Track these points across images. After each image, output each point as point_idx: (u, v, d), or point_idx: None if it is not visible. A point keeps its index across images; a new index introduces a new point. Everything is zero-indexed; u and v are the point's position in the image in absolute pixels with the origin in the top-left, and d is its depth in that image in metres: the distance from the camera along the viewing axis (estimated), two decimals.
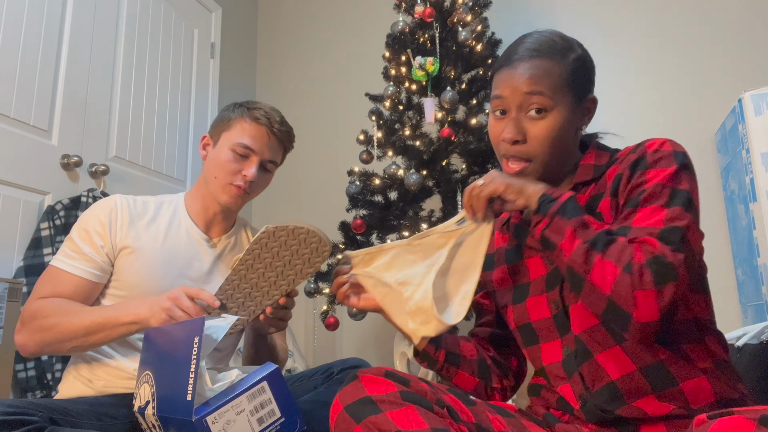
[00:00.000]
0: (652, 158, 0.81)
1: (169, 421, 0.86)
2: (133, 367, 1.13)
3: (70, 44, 2.10)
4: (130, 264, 1.16)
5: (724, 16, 2.56)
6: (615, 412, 0.78)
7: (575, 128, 0.90)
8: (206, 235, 1.26)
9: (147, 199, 1.26)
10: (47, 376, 1.78)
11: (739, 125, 2.11)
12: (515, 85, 0.88)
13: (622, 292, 0.72)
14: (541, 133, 0.87)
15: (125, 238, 1.16)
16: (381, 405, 0.74)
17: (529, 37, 0.92)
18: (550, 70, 0.87)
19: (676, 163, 0.79)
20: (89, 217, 1.17)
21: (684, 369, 0.77)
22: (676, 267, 0.71)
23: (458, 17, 2.30)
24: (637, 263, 0.72)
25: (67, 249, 1.15)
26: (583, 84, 0.90)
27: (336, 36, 3.30)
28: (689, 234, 0.74)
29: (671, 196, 0.77)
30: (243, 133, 1.20)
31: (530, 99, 0.87)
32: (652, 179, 0.79)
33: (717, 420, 0.57)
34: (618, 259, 0.73)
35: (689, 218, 0.75)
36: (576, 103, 0.89)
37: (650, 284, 0.71)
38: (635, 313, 0.71)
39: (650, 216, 0.76)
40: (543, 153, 0.88)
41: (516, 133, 0.87)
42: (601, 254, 0.75)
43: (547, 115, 0.87)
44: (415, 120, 2.37)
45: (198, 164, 2.84)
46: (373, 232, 2.29)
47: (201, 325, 0.89)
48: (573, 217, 0.79)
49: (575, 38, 0.94)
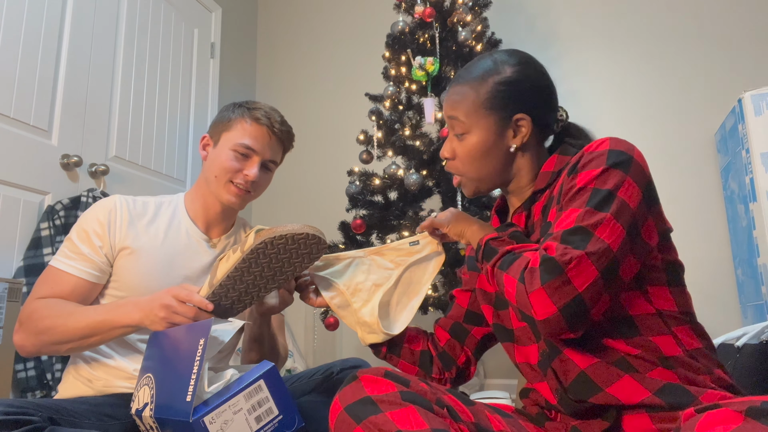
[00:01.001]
0: (584, 161, 0.83)
1: (166, 422, 0.85)
2: (133, 367, 1.13)
3: (70, 44, 2.10)
4: (130, 265, 1.16)
5: (724, 16, 2.56)
6: (588, 401, 0.79)
7: (504, 147, 0.94)
8: (206, 236, 1.26)
9: (147, 200, 1.25)
10: (47, 376, 1.78)
11: (739, 125, 2.12)
12: (444, 109, 0.98)
13: (521, 300, 0.77)
14: (462, 153, 0.95)
15: (124, 238, 1.16)
16: (381, 405, 0.74)
17: (471, 62, 1.00)
18: (465, 95, 0.94)
19: (604, 164, 0.80)
20: (88, 217, 1.17)
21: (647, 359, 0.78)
22: (560, 262, 0.73)
23: (458, 17, 2.30)
24: (529, 269, 0.77)
25: (66, 249, 1.15)
26: (507, 105, 0.93)
27: (336, 36, 3.30)
28: (599, 230, 0.75)
29: (589, 198, 0.79)
30: (244, 134, 1.20)
31: (451, 122, 0.96)
32: (578, 183, 0.81)
33: (705, 413, 0.58)
34: (516, 272, 0.79)
35: (601, 216, 0.76)
36: (501, 123, 0.93)
37: (537, 283, 0.74)
38: (534, 314, 0.75)
39: (566, 218, 0.79)
40: (468, 170, 0.96)
41: (446, 151, 0.98)
42: (506, 273, 0.81)
43: (466, 136, 0.94)
44: (415, 120, 2.37)
45: (198, 164, 2.84)
46: (373, 232, 2.30)
47: (207, 328, 0.89)
48: (492, 256, 0.86)
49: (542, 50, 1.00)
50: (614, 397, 0.77)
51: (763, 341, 1.34)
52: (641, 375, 0.77)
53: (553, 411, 0.88)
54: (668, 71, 2.61)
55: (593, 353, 0.80)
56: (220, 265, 1.04)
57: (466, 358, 1.10)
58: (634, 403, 0.76)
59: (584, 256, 0.73)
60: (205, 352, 0.86)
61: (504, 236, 0.89)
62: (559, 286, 0.73)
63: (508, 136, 0.94)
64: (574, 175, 0.83)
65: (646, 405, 0.75)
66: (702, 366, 0.78)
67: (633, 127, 2.60)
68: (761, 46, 2.47)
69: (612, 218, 0.76)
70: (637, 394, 0.76)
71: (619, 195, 0.77)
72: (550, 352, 0.85)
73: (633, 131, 2.59)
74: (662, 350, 0.78)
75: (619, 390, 0.77)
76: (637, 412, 0.76)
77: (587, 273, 0.73)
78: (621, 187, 0.78)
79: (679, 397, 0.74)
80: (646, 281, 0.81)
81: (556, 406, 0.86)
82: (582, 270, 0.73)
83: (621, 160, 0.80)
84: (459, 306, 1.11)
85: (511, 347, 0.96)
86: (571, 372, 0.81)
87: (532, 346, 0.90)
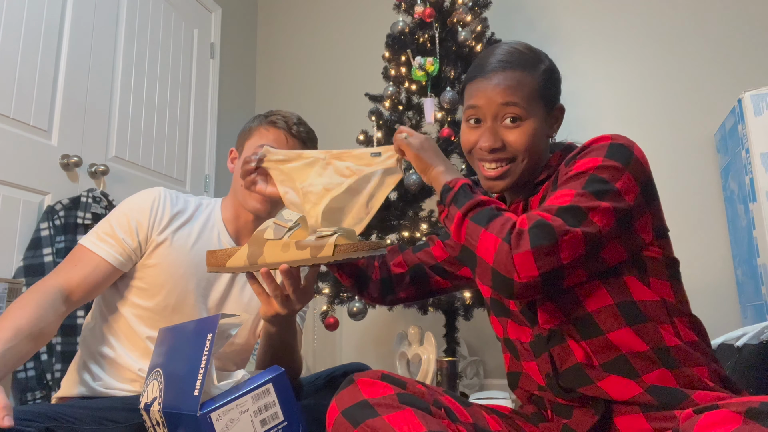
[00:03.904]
0: (585, 152, 0.84)
1: (173, 416, 0.86)
2: (138, 366, 1.13)
3: (70, 44, 2.10)
4: (160, 260, 1.16)
5: (724, 17, 2.56)
6: (578, 390, 0.80)
7: (546, 136, 0.95)
8: (236, 243, 1.26)
9: (188, 198, 1.27)
10: (47, 376, 1.78)
11: (738, 125, 2.12)
12: (490, 95, 0.91)
13: (502, 260, 0.75)
14: (518, 140, 0.91)
15: (162, 232, 1.17)
16: (378, 408, 0.74)
17: (498, 48, 0.96)
18: (523, 81, 0.91)
19: (604, 155, 0.81)
20: (131, 204, 1.18)
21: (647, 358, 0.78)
22: (557, 231, 0.73)
23: (458, 17, 2.30)
24: (517, 230, 0.76)
25: (100, 231, 1.15)
26: (552, 94, 0.94)
27: (336, 36, 3.30)
28: (593, 214, 0.76)
29: (586, 182, 0.79)
30: (262, 139, 1.22)
31: (506, 109, 0.90)
32: (576, 168, 0.82)
33: (704, 414, 0.58)
34: (500, 230, 0.77)
35: (596, 202, 0.76)
36: (546, 112, 0.93)
37: (526, 245, 0.73)
38: (516, 276, 0.74)
39: (561, 196, 0.79)
40: (524, 157, 0.92)
41: (494, 141, 0.91)
42: (484, 228, 0.79)
43: (522, 123, 0.90)
44: (415, 120, 2.38)
45: (198, 164, 2.85)
46: (372, 232, 2.30)
47: (215, 323, 0.89)
48: (465, 202, 0.84)
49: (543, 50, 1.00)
50: (604, 391, 0.78)
51: (763, 341, 1.34)
52: (637, 374, 0.77)
53: (549, 411, 0.88)
54: (668, 71, 2.61)
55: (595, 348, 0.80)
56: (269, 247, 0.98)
57: (407, 295, 1.10)
58: (624, 399, 0.76)
59: (580, 233, 0.74)
60: (212, 347, 0.86)
61: (478, 189, 0.87)
62: (547, 253, 0.73)
63: (551, 125, 0.95)
64: (573, 162, 0.84)
65: (637, 403, 0.76)
66: (700, 357, 0.79)
67: (633, 127, 2.61)
68: (761, 46, 2.47)
69: (606, 206, 0.76)
70: (628, 391, 0.76)
71: (617, 186, 0.78)
72: (552, 337, 0.84)
73: (633, 131, 2.59)
74: (664, 339, 0.78)
75: (610, 385, 0.77)
76: (630, 411, 0.77)
77: (576, 248, 0.74)
78: (619, 179, 0.79)
79: (670, 395, 0.74)
80: (648, 273, 0.82)
81: (539, 387, 0.87)
82: (573, 245, 0.74)
83: (621, 154, 0.81)
84: (431, 254, 1.10)
85: (505, 322, 0.95)
86: (568, 362, 0.82)
87: (526, 327, 0.90)
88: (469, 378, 2.44)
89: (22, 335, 0.95)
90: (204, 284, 1.20)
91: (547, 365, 0.84)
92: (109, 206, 2.06)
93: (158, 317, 1.15)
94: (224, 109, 3.08)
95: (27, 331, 0.97)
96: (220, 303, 1.22)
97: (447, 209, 0.87)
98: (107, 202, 2.07)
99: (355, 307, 2.10)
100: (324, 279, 2.24)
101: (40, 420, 0.87)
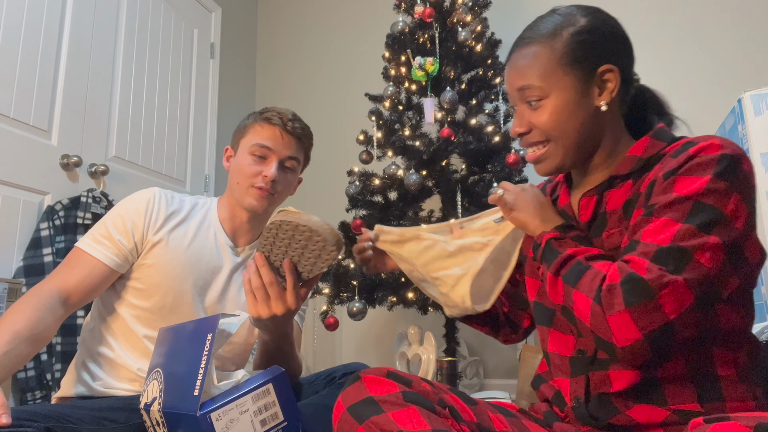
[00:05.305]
0: (689, 164, 0.73)
1: (173, 416, 0.86)
2: (137, 366, 1.13)
3: (70, 44, 2.10)
4: (156, 260, 1.16)
5: (724, 17, 2.56)
6: (608, 421, 0.78)
7: (591, 107, 0.82)
8: (232, 242, 1.26)
9: (184, 197, 1.27)
10: (47, 376, 1.78)
11: (738, 125, 2.12)
12: (510, 81, 0.86)
13: (598, 323, 0.70)
14: (543, 120, 0.83)
15: (158, 232, 1.17)
16: (383, 405, 0.74)
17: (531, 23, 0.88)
18: (536, 55, 0.83)
19: (712, 174, 0.71)
20: (127, 205, 1.18)
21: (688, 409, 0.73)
22: (652, 285, 0.66)
23: (458, 17, 2.30)
24: (606, 287, 0.69)
25: (96, 233, 1.15)
26: (589, 56, 0.81)
27: (336, 36, 3.30)
28: (699, 253, 0.68)
29: (690, 212, 0.70)
30: (257, 135, 1.22)
31: (523, 94, 0.84)
32: (678, 190, 0.72)
33: (713, 425, 0.56)
34: (589, 289, 0.71)
35: (703, 238, 0.68)
36: (584, 79, 0.82)
37: (620, 305, 0.67)
38: (614, 340, 0.68)
39: (661, 231, 0.70)
40: (554, 133, 0.83)
41: (519, 125, 0.86)
42: (575, 288, 0.73)
43: (544, 102, 0.82)
44: (415, 120, 2.38)
45: (197, 164, 2.84)
46: None
47: (215, 323, 0.89)
48: (552, 260, 0.79)
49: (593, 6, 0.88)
50: (631, 418, 0.76)
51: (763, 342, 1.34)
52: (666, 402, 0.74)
53: (565, 410, 0.87)
54: (668, 71, 2.61)
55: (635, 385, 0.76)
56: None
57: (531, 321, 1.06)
58: (650, 422, 0.75)
59: (682, 282, 0.66)
60: (212, 347, 0.86)
61: (566, 237, 0.80)
62: (647, 311, 0.66)
63: (593, 95, 0.82)
64: (674, 178, 0.73)
65: (662, 423, 0.75)
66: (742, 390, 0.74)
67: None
68: (761, 46, 2.48)
69: (716, 241, 0.68)
70: (656, 416, 0.74)
71: (726, 213, 0.69)
72: (595, 360, 0.80)
73: None
74: (717, 367, 0.73)
75: (638, 412, 0.76)
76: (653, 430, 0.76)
77: (683, 299, 0.66)
78: (728, 204, 0.70)
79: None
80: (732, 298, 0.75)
81: (565, 409, 0.85)
82: (677, 296, 0.66)
83: (731, 170, 0.71)
84: (515, 277, 1.04)
85: (546, 332, 0.90)
86: (601, 389, 0.79)
87: (570, 336, 0.85)
88: (469, 378, 2.44)
89: (20, 339, 0.96)
90: (201, 284, 1.20)
91: (580, 388, 0.81)
92: (108, 206, 2.06)
93: (156, 317, 1.15)
94: (224, 109, 3.08)
95: (25, 334, 0.97)
96: (217, 303, 1.22)
97: (541, 266, 0.83)
98: (107, 202, 2.07)
99: (355, 307, 2.10)
100: (324, 279, 2.24)
101: (40, 420, 0.87)
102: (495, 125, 2.21)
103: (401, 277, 2.18)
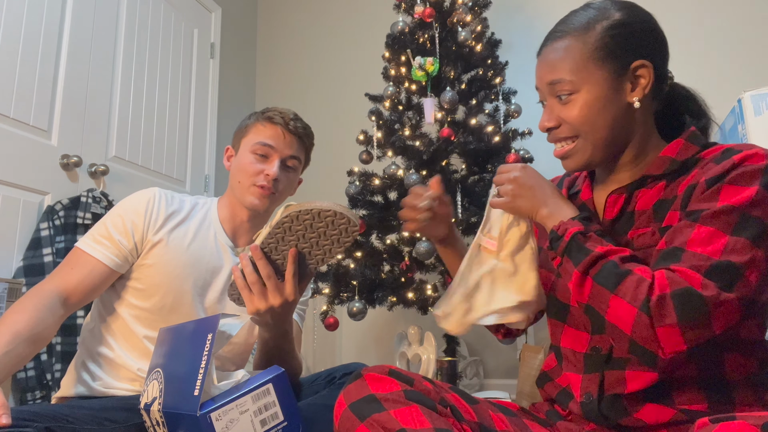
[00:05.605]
0: (734, 173, 0.72)
1: (173, 416, 0.86)
2: (137, 366, 1.13)
3: (69, 44, 2.10)
4: (156, 260, 1.16)
5: (724, 17, 2.56)
6: (618, 422, 0.78)
7: (623, 104, 0.81)
8: (232, 243, 1.26)
9: (184, 198, 1.27)
10: (47, 376, 1.78)
11: (738, 125, 2.12)
12: (540, 75, 0.86)
13: (642, 333, 0.68)
14: (573, 115, 0.82)
15: (157, 232, 1.17)
16: (385, 403, 0.74)
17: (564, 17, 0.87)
18: (568, 49, 0.82)
19: (758, 184, 0.70)
20: (126, 205, 1.18)
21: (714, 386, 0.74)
22: (709, 302, 0.66)
23: (458, 17, 2.30)
24: (657, 297, 0.67)
25: (96, 233, 1.15)
26: (623, 51, 0.81)
27: (336, 36, 3.30)
28: (750, 272, 0.67)
29: (739, 224, 0.69)
30: (259, 134, 1.23)
31: (554, 88, 0.83)
32: (724, 199, 0.71)
33: (719, 424, 0.56)
34: (633, 297, 0.69)
35: (754, 254, 0.68)
36: (616, 75, 0.81)
37: (672, 318, 0.66)
38: (660, 351, 0.68)
39: (708, 241, 0.69)
40: (583, 128, 0.82)
41: (547, 120, 0.85)
42: (613, 294, 0.71)
43: (575, 96, 0.81)
44: (415, 120, 2.38)
45: (198, 164, 2.84)
46: (372, 232, 2.30)
47: (215, 323, 0.89)
48: (581, 258, 0.75)
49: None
50: (639, 419, 0.77)
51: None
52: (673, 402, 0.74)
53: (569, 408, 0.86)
54: None
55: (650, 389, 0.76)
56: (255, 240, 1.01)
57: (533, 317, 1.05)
58: (658, 423, 0.75)
59: (735, 301, 0.66)
60: (213, 347, 0.86)
61: (590, 231, 0.77)
62: (698, 326, 0.66)
63: (626, 90, 0.81)
64: (720, 186, 0.72)
65: (669, 422, 0.75)
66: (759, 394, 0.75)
67: None
68: (761, 46, 2.48)
69: (762, 257, 0.68)
70: (663, 416, 0.75)
71: None
72: (612, 359, 0.80)
73: None
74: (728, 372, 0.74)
75: (646, 413, 0.76)
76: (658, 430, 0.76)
77: (731, 317, 0.67)
78: None
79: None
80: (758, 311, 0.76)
81: (570, 403, 0.85)
82: (729, 314, 0.67)
83: None
84: None
85: (559, 327, 0.89)
86: (614, 389, 0.79)
87: (584, 333, 0.85)
88: (469, 378, 2.44)
89: (20, 339, 0.96)
90: (201, 284, 1.20)
91: (593, 386, 0.81)
92: (108, 206, 2.06)
93: (155, 317, 1.15)
94: (224, 109, 3.08)
95: (25, 335, 0.97)
96: (217, 303, 1.22)
97: (560, 259, 0.79)
98: (107, 202, 2.07)
99: (355, 307, 2.10)
100: (324, 279, 2.24)
101: (40, 420, 0.86)
102: (495, 125, 2.21)
103: (401, 277, 2.18)
